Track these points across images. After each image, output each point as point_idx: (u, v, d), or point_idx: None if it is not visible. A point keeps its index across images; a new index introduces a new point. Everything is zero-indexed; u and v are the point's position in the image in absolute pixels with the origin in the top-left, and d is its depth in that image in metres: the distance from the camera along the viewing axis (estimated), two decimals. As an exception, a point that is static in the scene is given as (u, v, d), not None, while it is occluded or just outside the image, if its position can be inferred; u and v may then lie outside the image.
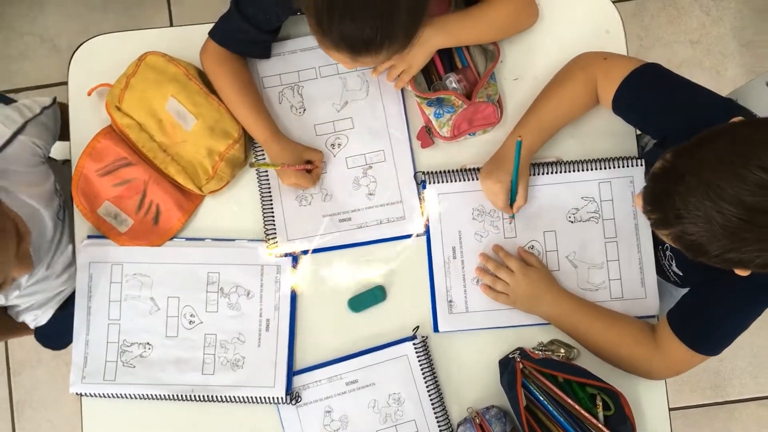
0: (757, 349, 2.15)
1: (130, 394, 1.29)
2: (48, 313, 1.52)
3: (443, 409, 1.27)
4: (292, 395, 1.27)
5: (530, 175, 1.29)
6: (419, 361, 1.27)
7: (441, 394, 1.27)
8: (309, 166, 1.29)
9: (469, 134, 1.31)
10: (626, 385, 1.22)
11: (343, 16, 1.00)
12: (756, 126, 0.89)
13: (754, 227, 0.84)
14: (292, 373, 1.29)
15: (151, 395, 1.29)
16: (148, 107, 1.28)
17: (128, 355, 1.30)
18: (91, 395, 1.30)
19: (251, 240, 1.32)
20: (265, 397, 1.27)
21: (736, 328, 1.12)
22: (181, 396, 1.28)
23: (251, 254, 1.31)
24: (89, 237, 1.34)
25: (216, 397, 1.28)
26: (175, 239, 1.33)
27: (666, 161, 0.93)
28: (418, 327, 1.28)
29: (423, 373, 1.27)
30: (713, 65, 2.24)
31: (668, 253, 1.23)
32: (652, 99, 1.14)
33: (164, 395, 1.28)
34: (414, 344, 1.27)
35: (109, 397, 1.30)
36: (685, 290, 1.22)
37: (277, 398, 1.27)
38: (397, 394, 1.27)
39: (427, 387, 1.27)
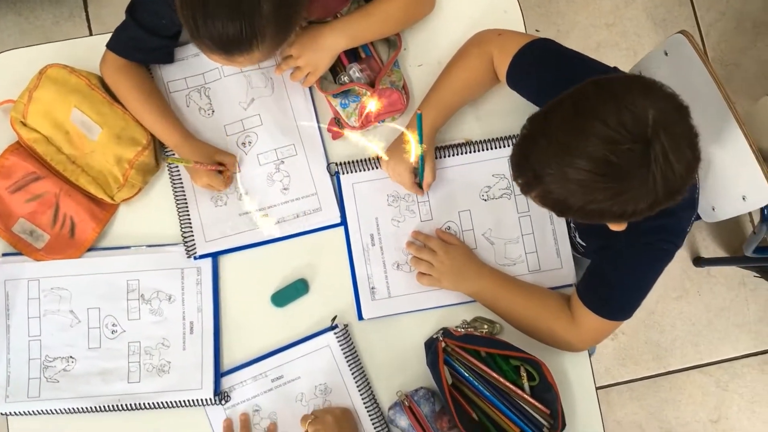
0: (694, 319, 2.21)
1: (56, 410, 1.27)
2: None
3: (371, 395, 1.27)
4: (221, 396, 1.26)
5: (442, 157, 1.31)
6: (342, 349, 1.27)
7: (368, 380, 1.28)
8: (221, 167, 1.29)
9: (379, 122, 1.32)
10: (548, 355, 1.24)
11: (206, 16, 1.01)
12: (597, 84, 0.92)
13: (600, 177, 0.88)
14: (219, 373, 1.28)
15: (78, 408, 1.27)
16: (53, 120, 1.27)
17: (51, 370, 1.28)
18: (17, 413, 1.27)
19: (169, 244, 1.31)
20: (193, 400, 1.26)
21: (638, 290, 1.15)
22: (109, 407, 1.27)
23: (170, 258, 1.30)
24: (3, 255, 1.31)
25: (144, 404, 1.26)
26: (92, 250, 1.31)
27: (524, 128, 0.96)
28: (336, 316, 1.28)
29: (347, 362, 1.27)
30: (630, 46, 2.30)
31: (572, 224, 1.26)
32: (544, 71, 1.17)
33: (91, 407, 1.27)
34: (335, 334, 1.28)
35: (35, 414, 1.27)
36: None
37: (206, 400, 1.26)
38: (323, 385, 1.27)
39: (352, 375, 1.27)
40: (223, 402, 1.27)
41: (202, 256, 1.30)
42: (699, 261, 2.19)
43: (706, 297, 2.21)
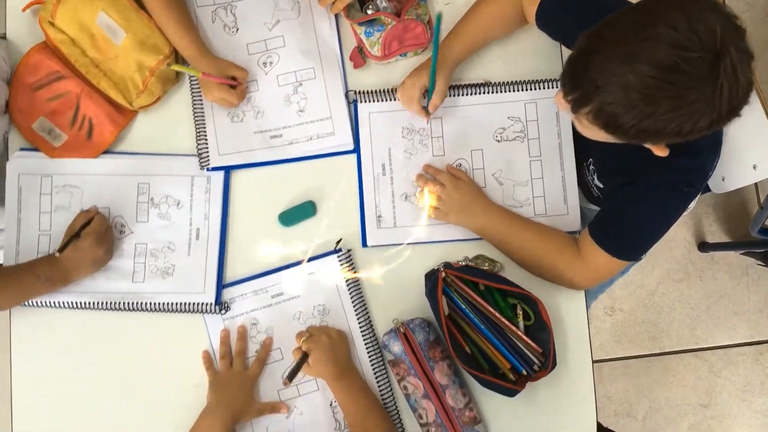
0: (694, 303, 2.21)
1: (59, 303, 1.29)
2: None
3: (367, 320, 1.29)
4: (222, 305, 1.28)
5: (459, 95, 1.32)
6: (343, 273, 1.29)
7: (365, 305, 1.29)
8: (233, 81, 1.30)
9: (401, 55, 1.34)
10: (546, 295, 1.25)
11: None
12: None
13: (667, 85, 0.87)
14: (222, 282, 1.30)
15: (81, 303, 1.29)
16: (80, 22, 1.28)
17: (59, 265, 1.30)
18: (23, 305, 1.30)
19: (182, 154, 1.33)
20: (194, 304, 1.28)
21: (653, 231, 1.15)
22: (112, 304, 1.28)
23: (181, 165, 1.32)
24: (20, 150, 1.33)
25: (146, 304, 1.28)
26: (106, 153, 1.33)
27: (579, 44, 0.95)
28: (341, 239, 1.30)
29: (347, 285, 1.29)
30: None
31: (591, 167, 1.26)
32: (576, 8, 1.16)
33: (94, 303, 1.29)
34: (338, 257, 1.29)
35: (39, 305, 1.29)
36: None
37: (207, 305, 1.28)
38: (321, 306, 1.29)
39: (351, 298, 1.29)
40: (223, 311, 1.29)
41: (214, 169, 1.31)
42: (704, 246, 2.19)
43: (708, 283, 2.21)
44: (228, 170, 1.33)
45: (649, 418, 2.18)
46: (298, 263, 1.30)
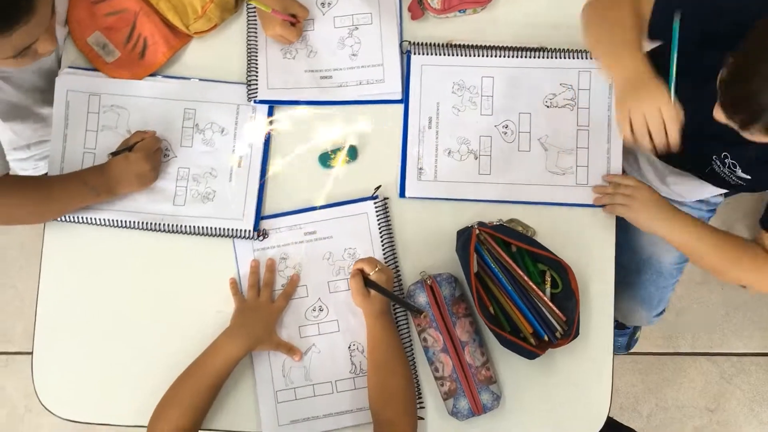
0: (713, 307, 2.19)
1: (100, 219, 1.30)
2: None
3: (396, 268, 1.29)
4: (260, 232, 1.29)
5: (513, 57, 1.31)
6: (378, 219, 1.29)
7: (395, 253, 1.30)
8: (293, 19, 1.30)
9: (459, 11, 1.33)
10: (576, 265, 1.24)
11: None
12: None
13: None
14: (261, 211, 1.31)
15: (121, 222, 1.30)
16: None
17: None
18: (60, 220, 1.31)
19: (229, 81, 1.34)
20: (233, 230, 1.29)
21: None
22: (151, 225, 1.30)
23: (228, 93, 1.33)
24: (69, 67, 1.34)
25: (185, 227, 1.30)
26: (156, 75, 1.34)
27: (734, 64, 0.93)
28: (380, 186, 1.30)
29: (380, 232, 1.29)
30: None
31: (728, 161, 1.22)
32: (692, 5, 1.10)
33: (134, 222, 1.30)
34: (375, 203, 1.29)
35: (80, 222, 1.31)
36: None
37: (245, 231, 1.29)
38: (352, 249, 1.29)
39: (382, 245, 1.29)
40: (261, 238, 1.30)
41: (261, 101, 1.32)
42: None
43: (729, 288, 2.19)
44: (273, 105, 1.33)
45: (654, 416, 2.17)
46: (335, 204, 1.30)
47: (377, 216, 1.29)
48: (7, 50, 1.00)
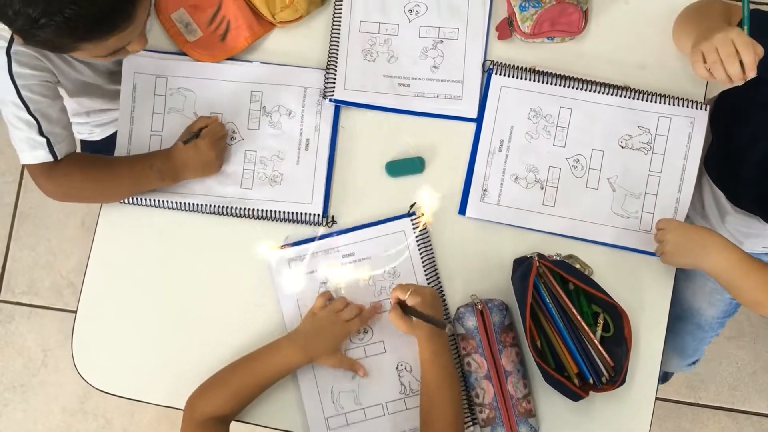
0: (741, 363, 2.16)
1: (169, 202, 1.30)
2: (106, 132, 1.54)
3: (439, 287, 1.27)
4: (329, 219, 1.28)
5: (595, 92, 1.30)
6: (416, 237, 1.28)
7: (437, 272, 1.28)
8: None
9: (548, 38, 1.31)
10: (630, 313, 1.21)
11: None
12: None
13: None
14: (329, 195, 1.30)
15: (189, 204, 1.30)
16: None
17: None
18: (127, 202, 1.31)
19: (296, 65, 1.33)
20: (301, 213, 1.28)
21: None
22: (218, 208, 1.29)
23: (295, 76, 1.32)
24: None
25: (252, 211, 1.29)
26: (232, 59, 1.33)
27: None
28: (414, 203, 1.28)
29: (420, 250, 1.27)
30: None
31: None
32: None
33: (202, 205, 1.29)
34: (411, 220, 1.28)
35: (147, 204, 1.31)
36: None
37: (314, 216, 1.28)
38: (393, 269, 1.28)
39: (423, 264, 1.27)
40: (330, 224, 1.28)
41: (336, 101, 1.31)
42: None
43: (761, 347, 2.16)
44: (348, 105, 1.32)
45: (666, 464, 2.15)
46: (370, 225, 1.29)
47: (416, 234, 1.28)
48: (101, 50, 1.04)
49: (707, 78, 1.08)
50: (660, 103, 1.29)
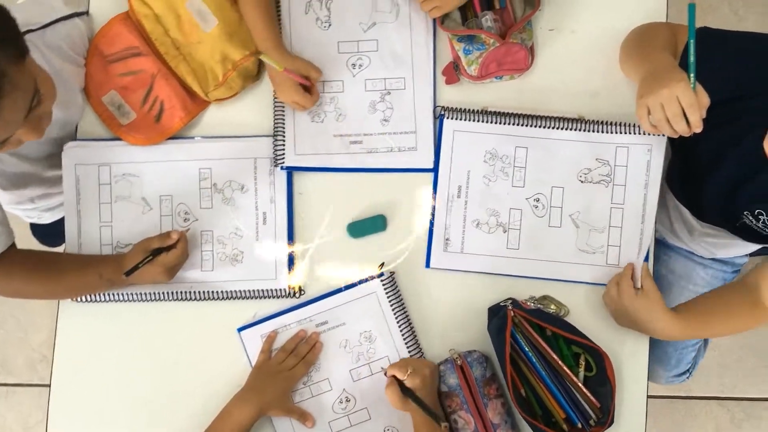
0: (726, 351, 2.18)
1: (127, 295, 1.27)
2: (57, 215, 1.49)
3: (416, 345, 1.25)
4: (296, 289, 1.26)
5: (550, 128, 1.27)
6: (388, 297, 1.25)
7: (413, 330, 1.26)
8: (306, 81, 1.24)
9: (496, 77, 1.28)
10: (610, 350, 1.21)
11: None
12: None
13: None
14: (293, 264, 1.27)
15: (148, 295, 1.26)
16: (169, 0, 1.24)
17: (124, 256, 1.26)
18: (85, 300, 1.27)
19: (243, 136, 1.29)
20: (267, 290, 1.26)
21: None
22: (180, 294, 1.26)
23: (242, 147, 1.28)
24: (75, 139, 1.29)
25: (217, 293, 1.26)
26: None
27: None
28: (383, 263, 1.26)
29: (393, 310, 1.25)
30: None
31: (764, 217, 1.19)
32: (726, 54, 1.11)
33: (162, 294, 1.26)
34: (381, 281, 1.25)
35: (104, 301, 1.27)
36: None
37: (280, 290, 1.25)
38: (368, 332, 1.26)
39: (398, 324, 1.25)
40: (297, 295, 1.26)
41: (288, 168, 1.27)
42: (746, 296, 2.15)
43: (745, 333, 2.17)
44: (301, 170, 1.28)
45: (663, 460, 2.16)
46: (341, 290, 1.27)
47: (387, 293, 1.25)
48: None
49: (653, 132, 1.07)
50: (616, 132, 1.27)
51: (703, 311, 1.25)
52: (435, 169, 1.29)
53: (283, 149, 1.27)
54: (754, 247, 1.36)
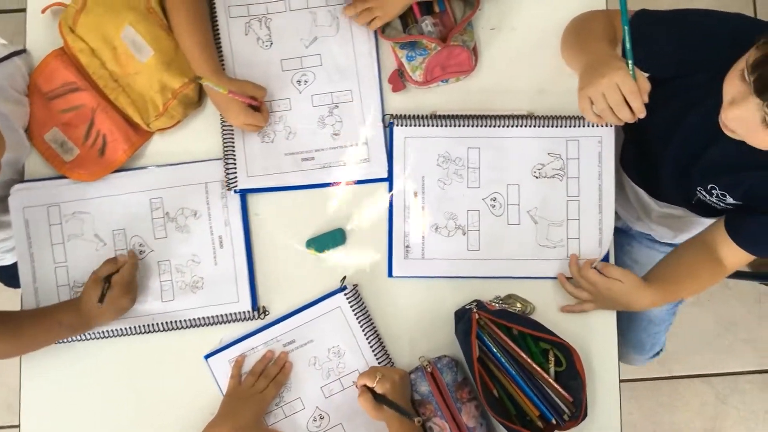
0: (704, 328, 2.20)
1: (87, 335, 1.25)
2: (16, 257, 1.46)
3: (385, 355, 1.25)
4: (260, 310, 1.25)
5: (500, 126, 1.27)
6: (353, 310, 1.25)
7: (381, 341, 1.25)
8: (254, 102, 1.23)
9: (442, 81, 1.28)
10: (579, 342, 1.21)
11: None
12: None
13: None
14: (254, 286, 1.26)
15: (112, 331, 1.25)
16: (103, 33, 1.23)
17: (81, 296, 1.25)
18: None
19: (188, 162, 1.28)
20: (231, 314, 1.25)
21: None
22: (143, 327, 1.25)
23: (191, 173, 1.27)
24: (21, 181, 1.28)
25: (180, 322, 1.25)
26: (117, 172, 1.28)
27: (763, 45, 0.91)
28: (345, 277, 1.26)
29: (359, 322, 1.24)
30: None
31: (717, 191, 1.21)
32: (666, 34, 1.12)
33: (125, 329, 1.25)
34: (345, 295, 1.25)
35: (66, 342, 1.25)
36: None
37: (243, 313, 1.24)
38: (336, 347, 1.25)
39: (366, 336, 1.25)
40: (262, 316, 1.25)
41: (242, 191, 1.26)
42: (719, 272, 2.16)
43: (720, 309, 2.20)
44: (255, 192, 1.28)
45: (652, 442, 2.17)
46: (305, 307, 1.26)
47: (351, 306, 1.25)
48: None
49: (598, 122, 1.07)
50: (565, 126, 1.27)
51: (673, 277, 1.27)
52: (390, 178, 1.28)
53: (235, 172, 1.26)
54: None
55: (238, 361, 1.25)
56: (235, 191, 1.26)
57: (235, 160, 1.26)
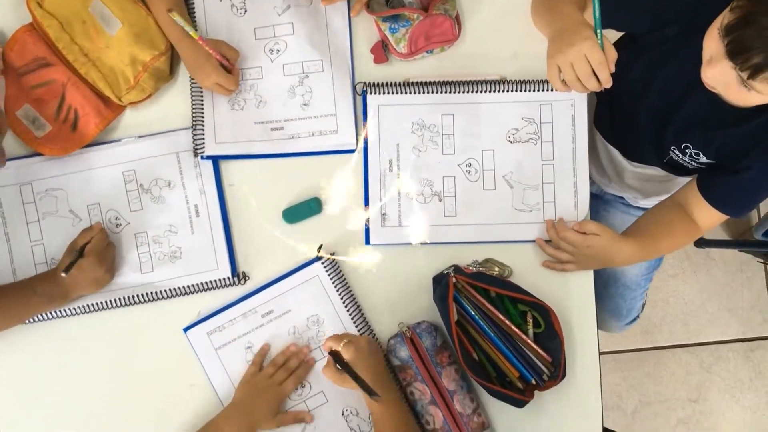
0: (687, 298, 2.21)
1: (65, 311, 1.24)
2: None
3: (365, 323, 1.25)
4: (240, 276, 1.24)
5: (473, 92, 1.28)
6: (331, 278, 1.24)
7: (360, 309, 1.25)
8: (225, 61, 1.22)
9: (427, 52, 1.28)
10: (557, 304, 1.22)
11: None
12: None
13: None
14: (233, 253, 1.26)
15: (93, 305, 1.24)
16: (72, 7, 1.21)
17: (60, 272, 1.24)
18: (30, 321, 1.25)
19: (159, 132, 1.27)
20: (211, 281, 1.24)
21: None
22: (124, 300, 1.24)
23: (162, 143, 1.26)
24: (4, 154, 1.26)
25: (160, 293, 1.24)
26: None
27: (739, 12, 0.91)
28: (321, 245, 1.25)
29: (337, 291, 1.24)
30: None
31: (690, 150, 1.21)
32: None
33: (106, 302, 1.24)
34: (322, 263, 1.24)
35: (48, 318, 1.25)
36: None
37: (224, 279, 1.24)
38: (315, 316, 1.25)
39: (344, 303, 1.24)
40: (242, 281, 1.24)
41: (209, 157, 1.26)
42: (700, 242, 2.18)
43: (703, 278, 2.21)
44: (222, 159, 1.27)
45: (639, 412, 2.19)
46: (283, 277, 1.25)
47: (329, 274, 1.25)
48: None
49: (565, 90, 1.07)
50: (537, 90, 1.28)
51: (650, 233, 1.28)
52: (364, 145, 1.28)
53: (203, 138, 1.26)
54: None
55: (263, 349, 1.24)
56: (203, 157, 1.25)
57: (203, 126, 1.26)
